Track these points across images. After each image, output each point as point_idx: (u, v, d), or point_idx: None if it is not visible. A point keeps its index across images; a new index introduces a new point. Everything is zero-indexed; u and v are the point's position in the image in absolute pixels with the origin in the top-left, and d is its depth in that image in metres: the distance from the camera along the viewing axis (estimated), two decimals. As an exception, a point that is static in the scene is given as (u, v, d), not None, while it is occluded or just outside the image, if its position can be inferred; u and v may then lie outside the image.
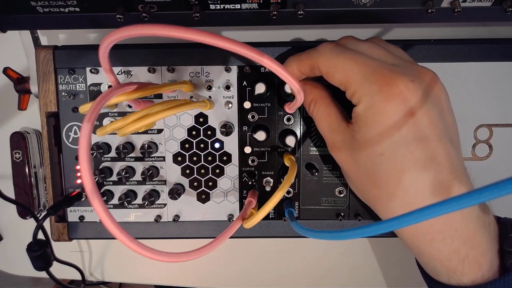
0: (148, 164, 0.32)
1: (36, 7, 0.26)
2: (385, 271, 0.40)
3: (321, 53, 0.25)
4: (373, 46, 0.25)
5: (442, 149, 0.23)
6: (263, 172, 0.32)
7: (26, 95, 0.35)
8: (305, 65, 0.26)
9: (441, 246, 0.23)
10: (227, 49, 0.18)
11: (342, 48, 0.25)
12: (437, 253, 0.24)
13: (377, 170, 0.24)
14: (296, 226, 0.27)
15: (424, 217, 0.16)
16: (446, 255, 0.23)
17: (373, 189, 0.25)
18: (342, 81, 0.24)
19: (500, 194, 0.13)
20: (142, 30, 0.17)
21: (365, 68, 0.23)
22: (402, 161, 0.23)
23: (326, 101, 0.27)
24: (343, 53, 0.24)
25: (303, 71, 0.27)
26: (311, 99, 0.27)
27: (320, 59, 0.25)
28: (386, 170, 0.23)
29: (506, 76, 0.31)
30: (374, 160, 0.24)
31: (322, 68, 0.25)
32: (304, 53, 0.26)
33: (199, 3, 0.25)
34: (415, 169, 0.23)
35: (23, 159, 0.35)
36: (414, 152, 0.23)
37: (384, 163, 0.23)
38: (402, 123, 0.22)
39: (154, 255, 0.20)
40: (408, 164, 0.23)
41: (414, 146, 0.22)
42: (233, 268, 0.41)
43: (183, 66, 0.31)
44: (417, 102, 0.22)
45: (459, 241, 0.23)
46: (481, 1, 0.25)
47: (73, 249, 0.41)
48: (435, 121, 0.23)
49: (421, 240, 0.24)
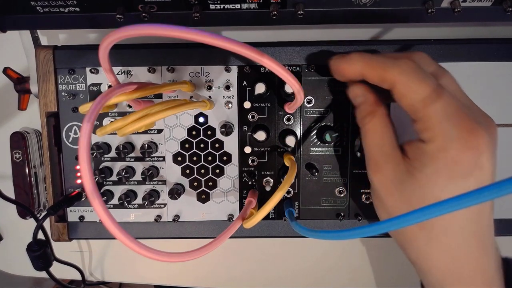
0: (148, 164, 0.32)
1: (36, 7, 0.26)
2: (385, 271, 0.40)
3: (403, 71, 0.23)
4: (450, 78, 0.24)
5: (490, 203, 0.23)
6: (263, 172, 0.32)
7: (26, 95, 0.35)
8: (375, 73, 0.24)
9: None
10: (227, 49, 0.18)
11: (426, 73, 0.23)
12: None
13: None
14: (296, 226, 0.27)
15: (424, 217, 0.16)
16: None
17: (413, 226, 0.24)
18: (418, 110, 0.22)
19: (500, 194, 0.13)
20: (142, 30, 0.17)
21: (448, 108, 0.22)
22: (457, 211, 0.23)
23: (386, 120, 0.25)
24: (427, 81, 0.22)
25: (367, 76, 0.25)
26: (371, 111, 0.25)
27: (401, 78, 0.23)
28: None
29: (506, 76, 0.31)
30: (427, 201, 0.22)
31: (400, 89, 0.23)
32: (375, 57, 0.24)
33: (199, 3, 0.25)
34: (465, 218, 0.23)
35: (23, 159, 0.35)
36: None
37: None
38: (470, 175, 0.22)
39: (154, 255, 0.20)
40: (460, 214, 0.22)
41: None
42: (233, 268, 0.41)
43: (183, 66, 0.31)
44: (487, 156, 0.22)
45: (482, 285, 0.23)
46: (481, 1, 0.25)
47: (73, 249, 0.41)
48: (493, 175, 0.23)
49: (449, 283, 0.24)
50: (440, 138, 0.22)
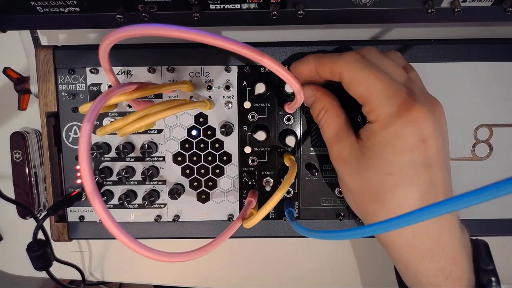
0: (148, 164, 0.32)
1: (36, 7, 0.26)
2: (385, 271, 0.40)
3: (347, 62, 0.25)
4: (394, 66, 0.26)
5: (441, 176, 0.25)
6: (263, 172, 0.32)
7: (26, 95, 0.35)
8: (325, 67, 0.26)
9: (429, 264, 0.25)
10: (227, 49, 0.18)
11: (368, 62, 0.25)
12: (425, 270, 0.25)
13: (382, 188, 0.24)
14: (296, 226, 0.27)
15: (424, 217, 0.16)
16: (433, 272, 0.25)
17: (373, 204, 0.25)
18: (363, 95, 0.25)
19: (500, 194, 0.13)
20: (142, 30, 0.17)
21: (388, 89, 0.24)
22: (409, 183, 0.24)
23: (337, 110, 0.27)
24: (369, 68, 0.24)
25: (320, 72, 0.27)
26: (322, 106, 0.28)
27: (345, 68, 0.25)
28: (392, 189, 0.24)
29: (506, 76, 0.31)
30: (381, 178, 0.24)
31: (345, 77, 0.25)
32: (326, 55, 0.27)
33: (199, 3, 0.25)
34: (419, 191, 0.24)
35: (23, 159, 0.35)
36: (420, 175, 0.24)
37: (391, 183, 0.24)
38: (414, 148, 0.24)
39: (154, 255, 0.20)
40: (413, 186, 0.24)
41: (422, 170, 0.24)
42: (233, 268, 0.41)
43: (183, 66, 0.31)
44: (430, 130, 0.24)
45: (445, 259, 0.25)
46: (481, 1, 0.25)
47: (73, 249, 0.41)
48: (440, 150, 0.24)
49: (412, 257, 0.25)
50: (383, 117, 0.24)
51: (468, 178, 0.32)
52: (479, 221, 0.33)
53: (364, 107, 0.25)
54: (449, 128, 0.26)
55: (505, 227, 0.33)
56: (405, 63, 0.28)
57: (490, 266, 0.26)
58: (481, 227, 0.32)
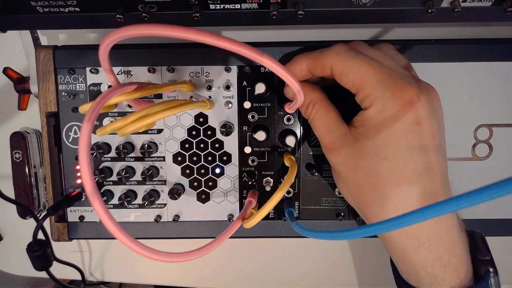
0: (148, 164, 0.32)
1: (36, 7, 0.26)
2: (385, 271, 0.40)
3: (337, 53, 0.25)
4: (384, 55, 0.26)
5: (437, 160, 0.24)
6: (263, 172, 0.32)
7: (26, 95, 0.35)
8: (316, 63, 0.26)
9: (427, 253, 0.24)
10: (227, 49, 0.18)
11: (356, 51, 0.25)
12: (423, 259, 0.25)
13: (377, 174, 0.24)
14: (296, 226, 0.27)
15: (424, 217, 0.16)
16: (430, 261, 0.24)
17: (368, 192, 0.25)
18: (356, 83, 0.24)
19: (500, 194, 0.13)
20: (142, 30, 0.17)
21: (380, 73, 0.24)
22: (404, 167, 0.24)
23: (325, 103, 0.27)
24: (358, 56, 0.24)
25: (312, 70, 0.27)
26: (309, 101, 0.27)
27: (336, 59, 0.25)
28: (387, 174, 0.24)
29: (506, 76, 0.31)
30: (376, 163, 0.24)
31: (336, 68, 0.25)
32: (315, 52, 0.26)
33: (199, 3, 0.25)
34: (414, 176, 0.24)
35: (23, 159, 0.35)
36: (415, 159, 0.23)
37: (386, 167, 0.24)
38: (409, 130, 0.23)
39: (154, 255, 0.20)
40: (408, 170, 0.24)
41: (417, 154, 0.23)
42: (233, 268, 0.41)
43: (183, 66, 0.31)
44: (424, 113, 0.23)
45: (443, 248, 0.24)
46: (481, 1, 0.25)
47: (73, 249, 0.41)
48: (435, 134, 0.24)
49: (409, 246, 0.25)
50: (377, 102, 0.24)
51: (468, 178, 0.32)
52: (479, 221, 0.33)
53: (357, 95, 0.25)
54: (449, 128, 0.26)
55: (505, 227, 0.33)
56: (396, 53, 0.27)
57: (487, 256, 0.26)
58: (481, 227, 0.32)
